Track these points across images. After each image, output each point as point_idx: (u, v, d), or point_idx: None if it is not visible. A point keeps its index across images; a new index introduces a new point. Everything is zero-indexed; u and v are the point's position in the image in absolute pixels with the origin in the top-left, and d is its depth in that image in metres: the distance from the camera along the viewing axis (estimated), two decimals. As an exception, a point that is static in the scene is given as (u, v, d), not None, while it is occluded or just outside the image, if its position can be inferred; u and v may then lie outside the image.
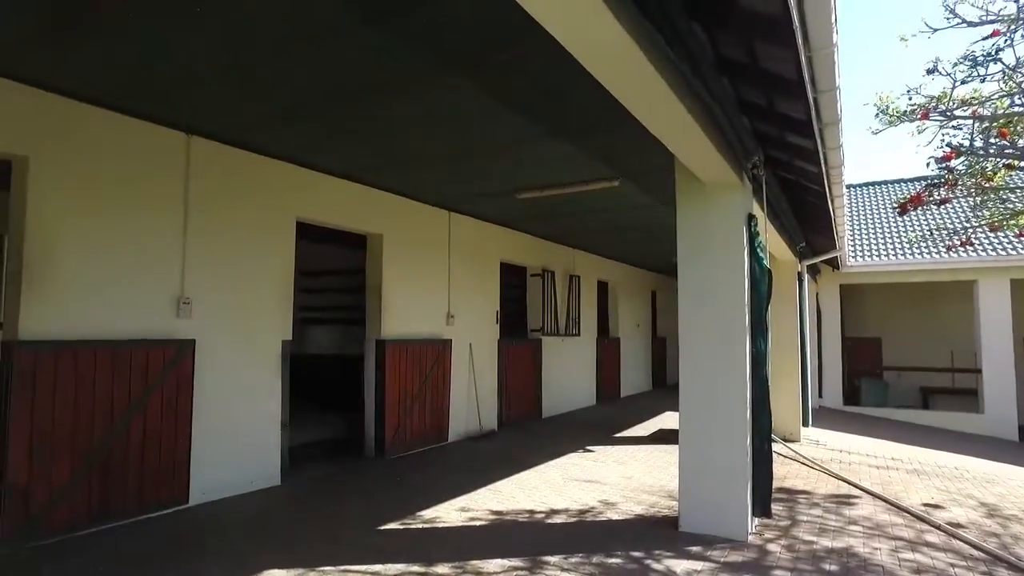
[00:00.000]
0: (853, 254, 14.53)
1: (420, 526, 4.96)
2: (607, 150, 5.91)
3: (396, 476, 6.61)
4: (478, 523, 5.06)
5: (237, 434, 5.79)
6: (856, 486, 6.44)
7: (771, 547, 4.51)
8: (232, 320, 5.80)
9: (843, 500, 5.90)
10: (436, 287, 8.65)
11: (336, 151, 6.19)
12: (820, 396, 14.49)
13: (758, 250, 5.05)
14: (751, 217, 5.07)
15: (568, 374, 12.38)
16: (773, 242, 8.07)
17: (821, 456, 8.14)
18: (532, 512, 5.37)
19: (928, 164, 6.08)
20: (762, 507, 5.03)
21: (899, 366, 15.77)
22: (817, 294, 14.98)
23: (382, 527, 4.92)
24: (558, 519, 5.20)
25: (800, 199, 7.24)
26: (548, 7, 2.39)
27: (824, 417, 12.45)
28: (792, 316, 9.90)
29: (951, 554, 4.46)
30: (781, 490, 6.19)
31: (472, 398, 9.23)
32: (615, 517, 5.26)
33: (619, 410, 12.80)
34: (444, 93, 4.60)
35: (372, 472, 6.82)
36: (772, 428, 8.80)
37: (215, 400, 5.58)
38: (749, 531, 4.71)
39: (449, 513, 5.31)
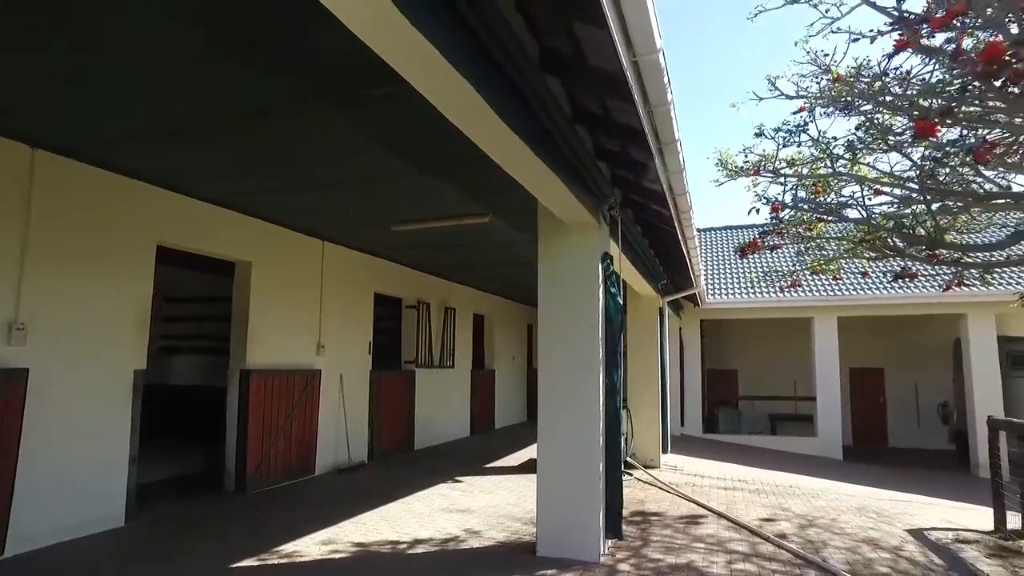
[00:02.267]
0: (712, 292, 15.75)
1: (277, 561, 4.81)
2: (477, 188, 6.14)
3: (255, 511, 6.35)
4: (339, 555, 4.98)
5: (75, 472, 5.34)
6: (704, 507, 6.95)
7: (621, 566, 4.79)
8: (76, 348, 5.39)
9: (691, 520, 6.35)
10: (307, 316, 8.47)
11: (203, 176, 6.01)
12: (682, 425, 15.42)
13: (612, 287, 5.42)
14: (607, 255, 5.45)
15: (442, 406, 12.40)
16: (634, 279, 8.62)
17: (677, 480, 8.69)
18: (395, 543, 5.36)
19: (748, 212, 6.89)
20: (614, 529, 5.32)
21: (752, 395, 17.19)
22: (680, 328, 16.04)
23: (236, 564, 4.72)
24: (420, 549, 5.22)
25: (659, 240, 7.84)
26: (401, 58, 2.56)
27: (685, 444, 13.27)
28: (653, 348, 10.53)
29: (775, 562, 4.95)
30: (637, 513, 6.56)
31: (342, 430, 9.03)
32: (477, 545, 5.36)
33: (492, 441, 12.97)
34: (314, 125, 4.64)
35: (230, 508, 6.51)
36: (630, 454, 9.38)
37: (50, 435, 5.13)
38: (602, 552, 4.96)
39: (310, 547, 5.18)
